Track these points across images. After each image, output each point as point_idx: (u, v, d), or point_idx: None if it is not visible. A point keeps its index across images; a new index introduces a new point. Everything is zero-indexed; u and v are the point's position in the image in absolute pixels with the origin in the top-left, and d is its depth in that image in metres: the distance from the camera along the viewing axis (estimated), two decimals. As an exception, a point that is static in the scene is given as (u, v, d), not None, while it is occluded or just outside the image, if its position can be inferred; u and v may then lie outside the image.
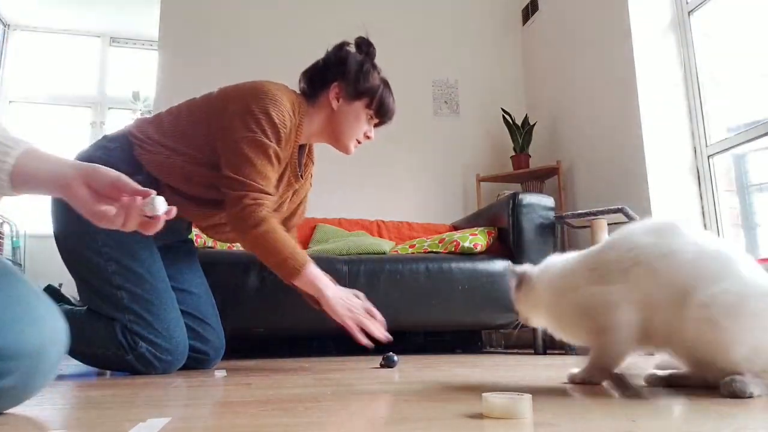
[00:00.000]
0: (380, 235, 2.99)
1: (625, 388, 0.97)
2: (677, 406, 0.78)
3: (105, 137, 1.57)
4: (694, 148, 2.72)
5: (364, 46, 1.66)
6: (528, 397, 0.67)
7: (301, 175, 1.72)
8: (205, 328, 1.62)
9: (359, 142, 1.69)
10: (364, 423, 0.63)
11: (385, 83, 1.67)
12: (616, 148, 2.91)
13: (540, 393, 0.89)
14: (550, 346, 2.41)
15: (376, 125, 1.71)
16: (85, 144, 1.61)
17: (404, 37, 3.76)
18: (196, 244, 2.17)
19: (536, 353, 2.37)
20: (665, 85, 2.78)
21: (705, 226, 2.64)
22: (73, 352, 1.46)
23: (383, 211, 3.41)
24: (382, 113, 1.66)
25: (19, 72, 4.59)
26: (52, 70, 4.68)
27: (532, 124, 3.46)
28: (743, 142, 2.46)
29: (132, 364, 1.41)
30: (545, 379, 1.17)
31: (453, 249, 2.43)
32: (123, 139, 1.53)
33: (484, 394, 0.69)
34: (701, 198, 2.67)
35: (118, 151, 1.49)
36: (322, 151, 3.47)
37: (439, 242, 2.52)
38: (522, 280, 1.11)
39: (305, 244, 2.87)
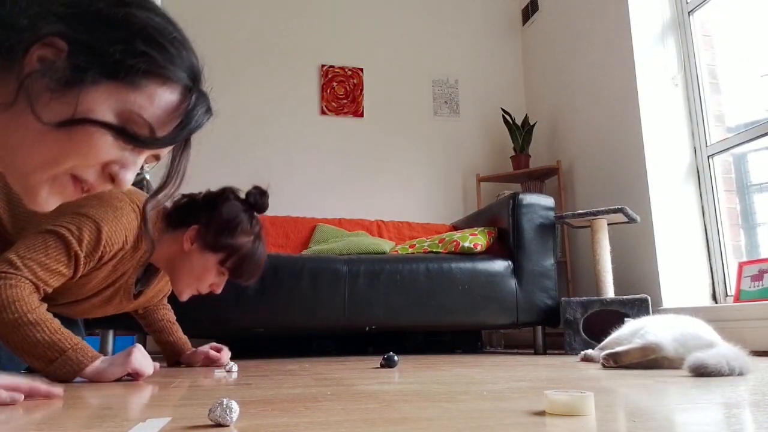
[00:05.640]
0: (380, 235, 2.99)
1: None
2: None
3: None
4: (694, 148, 2.72)
5: (255, 196, 1.49)
6: (590, 394, 0.68)
7: (139, 294, 1.53)
8: None
9: (199, 292, 1.49)
10: (364, 423, 0.63)
11: (257, 241, 1.47)
12: (616, 148, 2.91)
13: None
14: (549, 346, 2.41)
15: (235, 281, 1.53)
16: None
17: (404, 37, 3.76)
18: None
19: (536, 353, 2.37)
20: (665, 85, 2.78)
21: (705, 226, 2.64)
22: None
23: (383, 211, 3.42)
24: (237, 274, 1.46)
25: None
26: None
27: (532, 124, 3.46)
28: (743, 142, 2.47)
29: None
30: (546, 379, 1.17)
31: (453, 249, 2.43)
32: None
33: (546, 392, 0.69)
34: (701, 198, 2.67)
35: None
36: (322, 148, 3.48)
37: (439, 242, 2.52)
38: None
39: (305, 244, 2.87)
